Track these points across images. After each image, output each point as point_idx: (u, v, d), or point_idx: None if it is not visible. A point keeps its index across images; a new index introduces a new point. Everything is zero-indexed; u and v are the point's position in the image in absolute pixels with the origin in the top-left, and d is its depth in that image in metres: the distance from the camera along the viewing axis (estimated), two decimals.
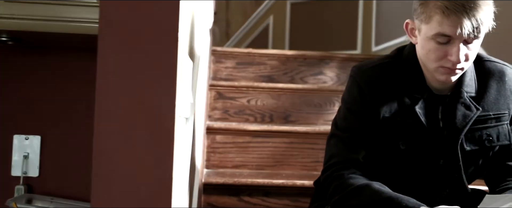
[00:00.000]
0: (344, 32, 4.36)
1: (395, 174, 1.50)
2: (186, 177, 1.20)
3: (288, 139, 2.45)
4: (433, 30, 1.34)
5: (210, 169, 2.42)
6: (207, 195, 2.14)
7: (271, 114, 2.73)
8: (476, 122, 1.46)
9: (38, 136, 1.71)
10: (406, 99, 1.45)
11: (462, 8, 1.30)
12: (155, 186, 0.91)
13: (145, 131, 0.91)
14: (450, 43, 1.34)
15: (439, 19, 1.32)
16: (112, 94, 0.90)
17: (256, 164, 2.44)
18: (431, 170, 1.47)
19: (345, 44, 4.28)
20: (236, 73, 3.02)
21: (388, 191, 1.39)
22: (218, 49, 3.02)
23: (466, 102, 1.45)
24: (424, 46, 1.39)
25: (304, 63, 3.05)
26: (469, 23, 1.30)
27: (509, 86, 1.50)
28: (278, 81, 3.01)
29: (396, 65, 1.50)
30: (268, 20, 5.12)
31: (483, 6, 1.32)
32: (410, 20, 1.45)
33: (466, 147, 1.46)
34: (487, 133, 1.48)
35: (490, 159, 1.52)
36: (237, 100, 2.71)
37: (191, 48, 1.37)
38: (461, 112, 1.45)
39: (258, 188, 2.15)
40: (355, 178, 1.45)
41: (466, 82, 1.47)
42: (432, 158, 1.46)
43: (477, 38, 1.34)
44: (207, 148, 2.42)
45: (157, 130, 0.91)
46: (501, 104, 1.48)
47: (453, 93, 1.47)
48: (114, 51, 0.90)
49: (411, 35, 1.46)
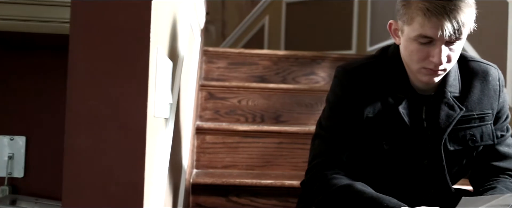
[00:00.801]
0: (339, 32, 4.36)
1: (380, 174, 1.50)
2: (165, 177, 1.20)
3: (278, 139, 2.45)
4: (415, 31, 1.34)
5: (199, 169, 2.42)
6: (196, 195, 2.14)
7: (262, 114, 2.73)
8: (459, 122, 1.45)
9: (23, 137, 1.71)
10: (389, 99, 1.45)
11: (443, 10, 1.29)
12: (127, 186, 0.91)
13: (116, 131, 0.90)
14: (432, 44, 1.34)
15: (420, 20, 1.32)
16: (83, 94, 0.90)
17: (246, 164, 2.44)
18: (415, 170, 1.47)
19: (340, 44, 4.28)
20: (228, 73, 3.02)
21: (370, 191, 1.39)
22: (210, 49, 3.02)
23: (449, 102, 1.45)
24: (407, 47, 1.39)
25: (296, 63, 3.05)
26: (450, 25, 1.29)
27: (493, 86, 1.50)
28: (270, 81, 3.01)
29: (380, 65, 1.50)
30: (264, 20, 5.12)
31: (464, 8, 1.31)
32: (393, 20, 1.45)
33: (450, 147, 1.46)
34: (471, 133, 1.47)
35: (474, 159, 1.52)
36: (228, 101, 2.71)
37: (172, 48, 1.37)
38: (445, 112, 1.45)
39: (247, 188, 2.15)
40: (338, 179, 1.45)
41: (450, 82, 1.47)
42: (416, 158, 1.46)
43: (459, 40, 1.34)
44: (197, 148, 2.42)
45: (129, 130, 0.91)
46: (484, 104, 1.48)
47: (437, 93, 1.46)
48: (85, 51, 0.90)
49: (395, 35, 1.46)
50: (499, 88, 1.51)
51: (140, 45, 0.91)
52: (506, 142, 1.54)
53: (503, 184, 1.46)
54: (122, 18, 0.90)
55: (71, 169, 0.89)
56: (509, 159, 1.52)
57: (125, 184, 0.90)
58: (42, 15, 1.29)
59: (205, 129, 2.42)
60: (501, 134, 1.52)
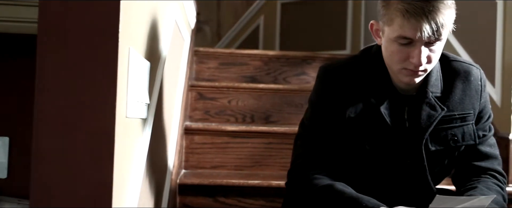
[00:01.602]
0: (333, 32, 4.35)
1: (363, 174, 1.50)
2: (140, 178, 1.20)
3: (267, 140, 2.44)
4: (395, 32, 1.33)
5: (188, 169, 2.41)
6: (183, 196, 2.14)
7: (252, 115, 2.73)
8: (441, 122, 1.45)
9: (6, 138, 1.71)
10: (371, 100, 1.45)
11: (421, 11, 1.29)
12: (94, 187, 0.91)
13: (84, 132, 0.90)
14: (412, 45, 1.33)
15: (400, 22, 1.32)
16: (51, 95, 0.90)
17: (235, 164, 2.44)
18: (397, 170, 1.47)
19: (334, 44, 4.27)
20: (219, 74, 3.02)
21: (350, 192, 1.39)
22: (201, 50, 3.02)
23: (431, 102, 1.45)
24: (388, 48, 1.39)
25: (287, 63, 3.05)
26: (428, 26, 1.29)
27: (475, 86, 1.49)
28: (261, 82, 3.01)
29: (363, 65, 1.50)
30: (259, 20, 5.11)
31: (443, 9, 1.30)
32: (374, 21, 1.45)
33: (431, 147, 1.46)
34: (452, 133, 1.47)
35: (456, 159, 1.52)
36: (218, 101, 2.71)
37: (151, 49, 1.37)
38: (426, 112, 1.44)
39: (234, 188, 2.15)
40: (319, 179, 1.45)
41: (432, 82, 1.46)
42: (398, 158, 1.46)
43: (439, 40, 1.34)
44: (185, 149, 2.41)
45: (96, 131, 0.91)
46: (466, 104, 1.48)
47: (418, 93, 1.46)
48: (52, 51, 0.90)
49: (376, 36, 1.45)
50: (481, 88, 1.50)
51: (108, 45, 0.91)
52: (488, 142, 1.53)
53: (484, 184, 1.46)
54: (90, 18, 0.90)
55: (38, 170, 0.89)
56: (491, 159, 1.52)
57: (93, 185, 0.90)
58: (20, 16, 1.29)
59: (194, 129, 2.42)
60: (483, 134, 1.52)
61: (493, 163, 1.52)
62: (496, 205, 1.42)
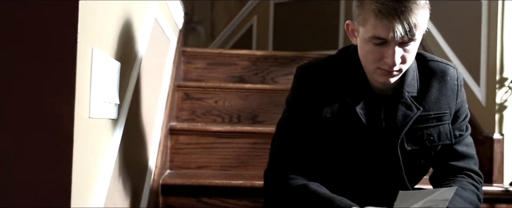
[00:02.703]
0: (326, 32, 4.35)
1: (340, 174, 1.50)
2: (108, 178, 1.20)
3: (252, 140, 2.44)
4: (368, 32, 1.33)
5: (173, 170, 2.41)
6: (166, 196, 2.14)
7: (239, 115, 2.73)
8: (417, 122, 1.45)
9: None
10: (348, 99, 1.44)
11: (393, 11, 1.28)
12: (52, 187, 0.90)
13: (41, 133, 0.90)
14: (386, 45, 1.33)
15: (373, 22, 1.31)
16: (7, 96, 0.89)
17: (220, 165, 2.43)
18: (374, 170, 1.46)
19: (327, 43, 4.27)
20: (207, 74, 3.02)
21: (324, 192, 1.39)
22: (188, 50, 3.01)
23: (407, 102, 1.44)
24: (362, 48, 1.39)
25: (275, 63, 3.05)
26: (400, 26, 1.28)
27: (451, 85, 1.49)
28: (249, 82, 3.00)
29: (340, 65, 1.49)
30: (252, 21, 5.11)
31: (415, 10, 1.29)
32: (350, 21, 1.44)
33: (407, 147, 1.45)
34: (428, 133, 1.47)
35: (433, 158, 1.51)
36: (204, 101, 2.70)
37: (123, 49, 1.36)
38: (402, 112, 1.44)
39: (217, 189, 2.14)
40: (295, 179, 1.45)
41: (408, 82, 1.46)
42: (375, 158, 1.45)
43: (413, 41, 1.33)
44: (171, 149, 2.41)
45: (54, 132, 0.91)
46: (442, 104, 1.47)
47: (394, 93, 1.46)
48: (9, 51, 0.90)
49: (352, 36, 1.45)
50: (457, 88, 1.50)
51: (66, 46, 0.91)
52: (465, 142, 1.53)
53: (459, 184, 1.46)
54: (47, 18, 0.90)
55: None
56: (467, 159, 1.52)
57: (50, 185, 0.90)
58: None
59: (179, 129, 2.42)
60: (459, 134, 1.51)
61: (469, 163, 1.52)
62: (470, 205, 1.42)
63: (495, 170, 2.27)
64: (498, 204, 2.22)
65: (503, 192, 2.20)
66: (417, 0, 1.31)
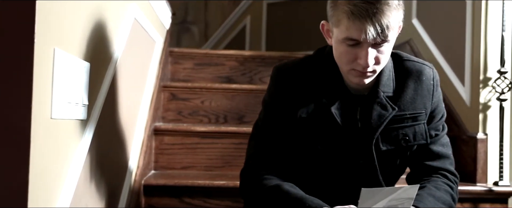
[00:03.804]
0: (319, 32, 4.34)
1: (316, 175, 1.50)
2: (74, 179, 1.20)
3: (237, 140, 2.44)
4: (342, 33, 1.33)
5: (158, 170, 2.41)
6: (148, 197, 2.14)
7: (225, 115, 2.73)
8: (392, 121, 1.44)
9: None
10: (323, 100, 1.44)
11: (365, 13, 1.28)
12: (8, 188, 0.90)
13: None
14: (359, 46, 1.33)
15: (346, 23, 1.31)
16: None
17: (205, 165, 2.43)
18: (350, 171, 1.46)
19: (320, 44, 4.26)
20: (194, 74, 3.02)
21: (296, 192, 1.39)
22: (176, 50, 3.01)
23: (382, 102, 1.44)
24: (337, 49, 1.39)
25: (263, 63, 3.04)
26: (372, 28, 1.28)
27: (427, 85, 1.49)
28: (237, 82, 3.00)
29: (316, 65, 1.49)
30: (246, 21, 5.11)
31: (387, 11, 1.29)
32: (325, 21, 1.44)
33: (382, 147, 1.45)
34: (404, 133, 1.46)
35: (408, 158, 1.51)
36: (191, 101, 2.70)
37: (94, 49, 1.36)
38: (377, 112, 1.44)
39: (200, 189, 2.14)
40: (269, 179, 1.45)
41: (384, 82, 1.46)
42: (351, 158, 1.45)
43: (386, 42, 1.33)
44: (155, 149, 2.41)
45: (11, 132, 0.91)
46: (417, 104, 1.47)
47: (370, 93, 1.46)
48: None
49: (327, 36, 1.45)
50: (433, 88, 1.49)
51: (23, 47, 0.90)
52: (441, 142, 1.53)
53: (433, 184, 1.46)
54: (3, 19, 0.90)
55: None
56: (443, 159, 1.51)
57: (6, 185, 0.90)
58: None
59: (163, 130, 2.42)
60: (435, 134, 1.51)
61: (445, 163, 1.52)
62: (443, 205, 1.42)
63: (479, 169, 2.27)
64: (481, 204, 2.22)
65: (487, 191, 2.20)
66: (390, 1, 1.30)
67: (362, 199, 1.17)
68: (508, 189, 2.20)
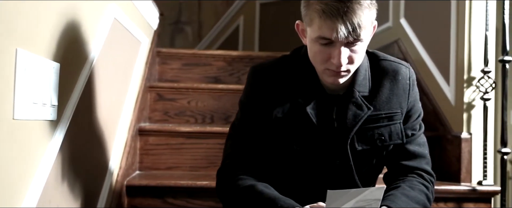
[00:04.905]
0: None
1: (292, 175, 1.49)
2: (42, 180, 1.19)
3: (222, 140, 2.38)
4: (315, 33, 1.33)
5: (143, 171, 2.41)
6: (131, 197, 2.13)
7: (212, 115, 2.72)
8: (368, 121, 1.44)
9: None
10: (299, 100, 1.44)
11: (336, 12, 1.27)
12: None
13: None
14: (332, 45, 1.32)
15: (318, 22, 1.31)
16: None
17: (190, 165, 2.43)
18: (326, 171, 1.46)
19: None
20: (182, 74, 3.01)
21: (269, 192, 1.38)
22: (163, 50, 3.01)
23: (357, 102, 1.44)
24: (311, 48, 1.38)
25: (251, 63, 3.04)
26: (343, 27, 1.27)
27: (403, 85, 1.48)
28: (225, 82, 3.00)
29: (292, 65, 1.49)
30: (239, 21, 5.11)
31: (359, 11, 1.28)
32: (300, 21, 1.44)
33: (358, 146, 1.44)
34: (379, 133, 1.46)
35: (385, 158, 1.51)
36: (177, 102, 2.70)
37: (65, 50, 1.36)
38: (352, 112, 1.43)
39: (183, 189, 2.14)
40: (244, 179, 1.44)
41: (359, 82, 1.45)
42: (327, 158, 1.45)
43: (360, 41, 1.32)
44: (140, 150, 2.41)
45: None
46: (393, 103, 1.46)
47: (346, 93, 1.45)
48: None
49: (302, 36, 1.45)
50: (409, 87, 1.49)
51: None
52: (417, 141, 1.52)
53: (408, 184, 1.45)
54: None
55: None
56: (419, 158, 1.51)
57: None
58: None
59: (148, 130, 2.41)
60: (411, 133, 1.51)
61: (421, 162, 1.51)
62: (417, 205, 1.41)
63: (463, 169, 2.26)
64: (466, 203, 2.21)
65: (471, 191, 2.19)
66: (361, 1, 1.30)
67: (328, 200, 1.17)
68: (492, 189, 2.20)
